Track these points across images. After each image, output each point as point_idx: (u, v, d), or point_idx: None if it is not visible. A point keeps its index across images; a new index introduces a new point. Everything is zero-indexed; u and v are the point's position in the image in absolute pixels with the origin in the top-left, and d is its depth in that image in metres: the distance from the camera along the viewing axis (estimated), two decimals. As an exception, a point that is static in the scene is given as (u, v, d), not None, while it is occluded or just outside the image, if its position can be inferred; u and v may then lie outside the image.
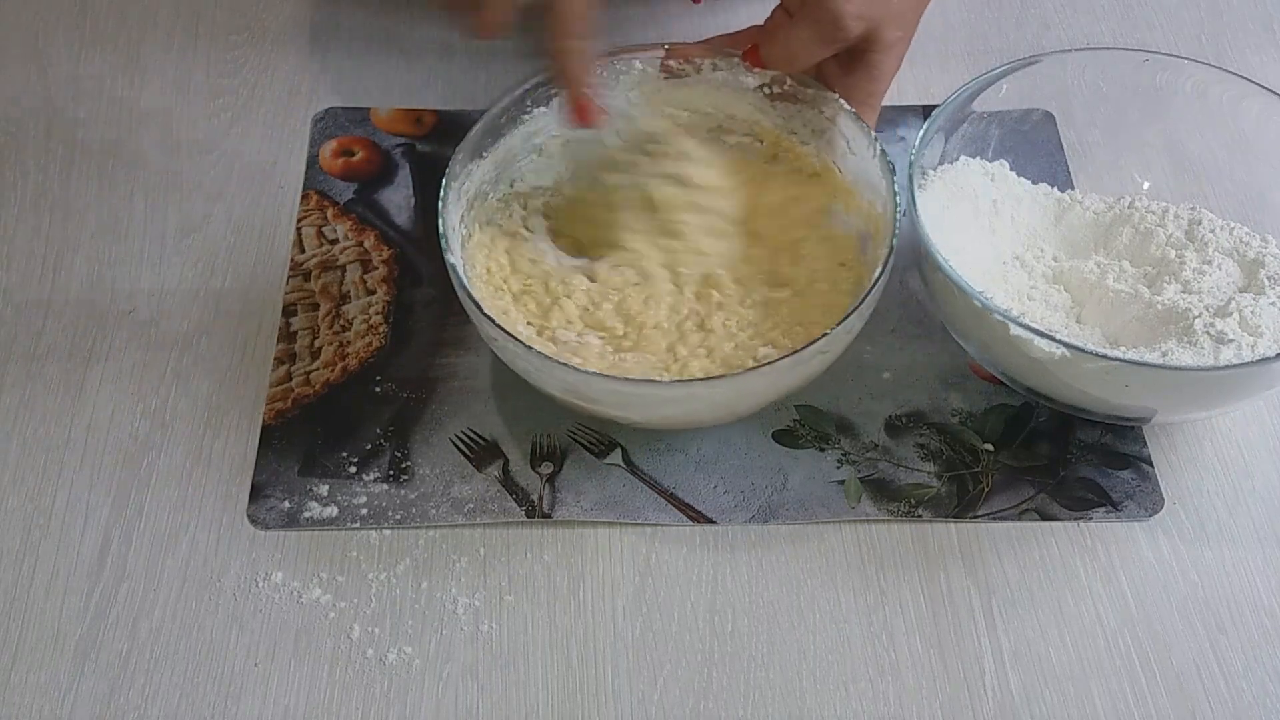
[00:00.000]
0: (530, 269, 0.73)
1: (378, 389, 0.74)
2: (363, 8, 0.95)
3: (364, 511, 0.69)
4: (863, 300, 0.64)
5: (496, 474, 0.71)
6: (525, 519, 0.69)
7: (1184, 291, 0.71)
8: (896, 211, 0.67)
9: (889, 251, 0.66)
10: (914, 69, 0.90)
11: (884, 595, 0.67)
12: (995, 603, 0.67)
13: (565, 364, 0.63)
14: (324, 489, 0.70)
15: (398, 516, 0.69)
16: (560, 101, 0.72)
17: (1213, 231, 0.74)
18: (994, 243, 0.75)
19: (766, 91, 0.75)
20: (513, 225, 0.75)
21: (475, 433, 0.72)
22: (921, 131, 0.72)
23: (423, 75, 0.91)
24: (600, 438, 0.72)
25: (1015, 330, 0.65)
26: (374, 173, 0.85)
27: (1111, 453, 0.72)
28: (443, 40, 0.93)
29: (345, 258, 0.80)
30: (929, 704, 0.63)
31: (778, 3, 0.72)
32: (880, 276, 0.65)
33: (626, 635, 0.65)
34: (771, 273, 0.73)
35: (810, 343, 0.63)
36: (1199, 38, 0.94)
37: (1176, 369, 0.66)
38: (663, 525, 0.69)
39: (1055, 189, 0.78)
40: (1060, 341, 0.64)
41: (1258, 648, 0.65)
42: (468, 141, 0.71)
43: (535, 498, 0.70)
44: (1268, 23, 0.95)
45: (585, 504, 0.69)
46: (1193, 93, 0.76)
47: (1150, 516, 0.69)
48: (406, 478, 0.71)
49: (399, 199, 0.83)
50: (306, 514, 0.69)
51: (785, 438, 0.72)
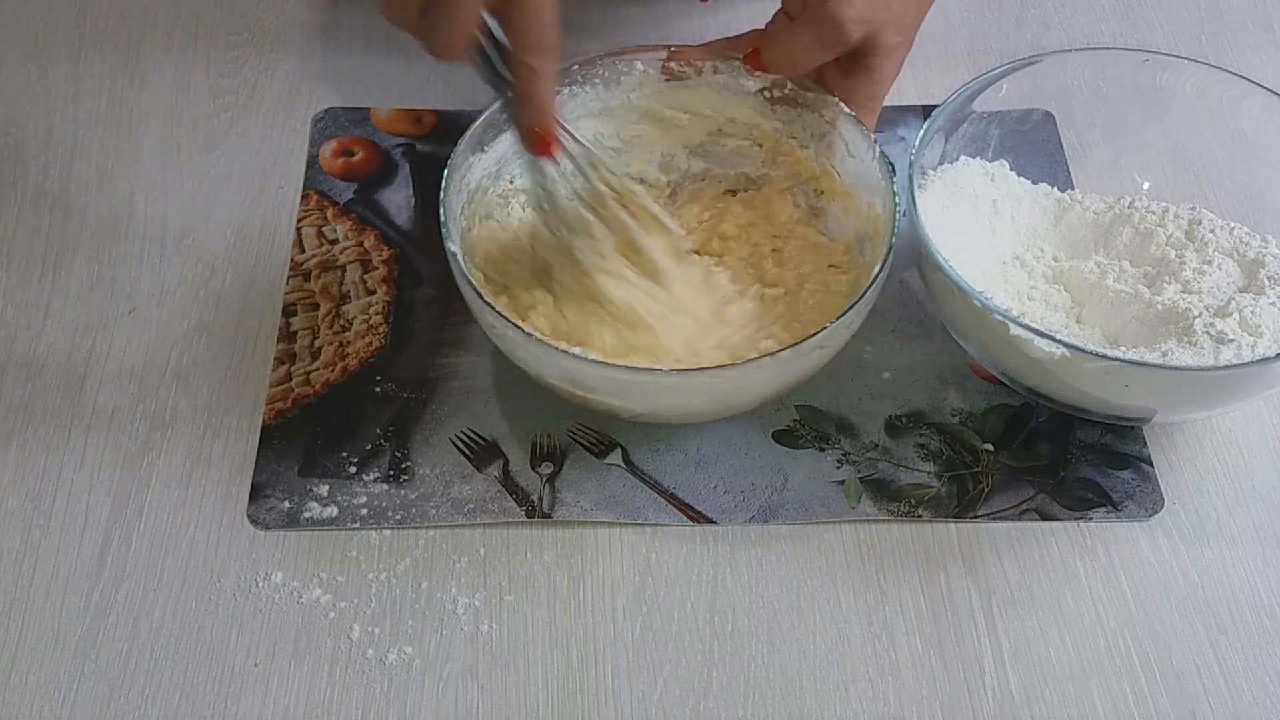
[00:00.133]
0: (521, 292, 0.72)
1: (378, 389, 0.74)
2: (363, 8, 0.95)
3: (364, 511, 0.69)
4: (863, 295, 0.64)
5: (496, 474, 0.71)
6: (525, 519, 0.69)
7: (1184, 291, 0.71)
8: (896, 211, 0.67)
9: (888, 249, 0.66)
10: (914, 69, 0.90)
11: (884, 595, 0.67)
12: (995, 603, 0.67)
13: (564, 351, 0.63)
14: (324, 489, 0.70)
15: (398, 516, 0.69)
16: (513, 128, 0.66)
17: (1213, 231, 0.74)
18: (994, 243, 0.75)
19: (767, 95, 0.75)
20: (512, 226, 0.75)
21: (475, 433, 0.72)
22: (921, 131, 0.72)
23: (423, 75, 0.91)
24: (600, 438, 0.72)
25: (1015, 330, 0.65)
26: (374, 173, 0.85)
27: (1111, 453, 0.72)
28: (443, 40, 0.93)
29: (345, 258, 0.80)
30: (929, 704, 0.63)
31: (779, 5, 0.72)
32: (880, 273, 0.65)
33: (626, 635, 0.65)
34: (759, 273, 0.73)
35: (811, 335, 0.63)
36: (1199, 38, 0.94)
37: (1176, 369, 0.66)
38: (663, 525, 0.69)
39: (1055, 189, 0.78)
40: (1060, 341, 0.64)
41: (1258, 648, 0.65)
42: (470, 134, 0.71)
43: (535, 498, 0.70)
44: (1268, 23, 0.95)
45: (585, 504, 0.69)
46: (1193, 93, 0.76)
47: (1150, 516, 0.69)
48: (406, 478, 0.71)
49: (399, 199, 0.83)
50: (306, 514, 0.69)
51: (785, 438, 0.72)
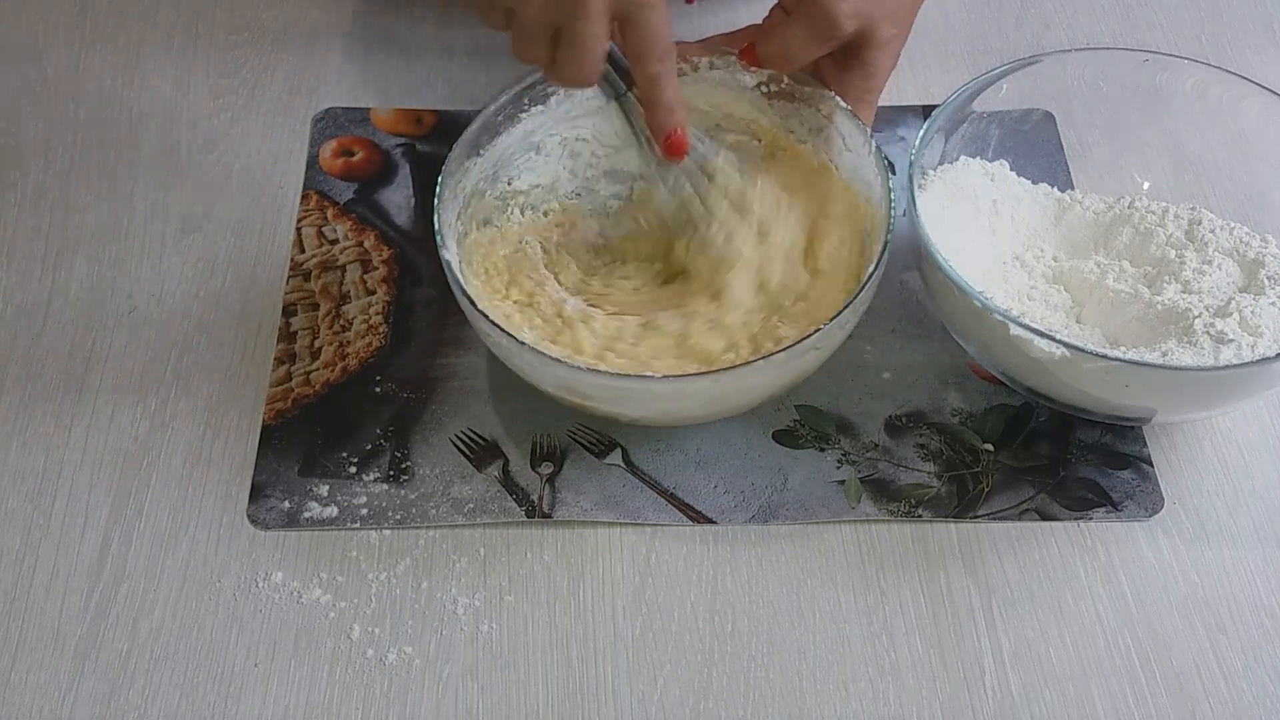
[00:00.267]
0: (534, 289, 0.72)
1: (378, 389, 0.74)
2: (363, 8, 0.95)
3: (364, 511, 0.69)
4: (855, 297, 0.64)
5: (496, 474, 0.71)
6: (525, 519, 0.69)
7: (1184, 291, 0.71)
8: (891, 209, 0.67)
9: (883, 247, 0.66)
10: (914, 69, 0.90)
11: (884, 595, 0.67)
12: (995, 603, 0.67)
13: (558, 359, 0.63)
14: (324, 489, 0.70)
15: (398, 516, 0.69)
16: (639, 137, 0.68)
17: (1213, 231, 0.74)
18: (994, 243, 0.75)
19: (764, 90, 0.75)
20: (512, 233, 0.75)
21: (475, 433, 0.72)
22: (921, 131, 0.72)
23: (423, 75, 0.91)
24: (600, 438, 0.72)
25: (1015, 330, 0.65)
26: (374, 173, 0.85)
27: (1111, 453, 0.72)
28: (443, 40, 0.93)
29: (345, 258, 0.80)
30: (929, 704, 0.63)
31: (775, 2, 0.72)
32: (874, 273, 0.65)
33: (626, 635, 0.65)
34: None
35: (803, 338, 0.63)
36: (1199, 38, 0.94)
37: (1176, 369, 0.66)
38: (663, 525, 0.69)
39: (1055, 189, 0.78)
40: (1060, 341, 0.64)
41: (1258, 648, 0.65)
42: (464, 139, 0.71)
43: (535, 498, 0.70)
44: (1268, 23, 0.95)
45: (585, 504, 0.69)
46: (1193, 93, 0.76)
47: (1150, 516, 0.69)
48: (406, 478, 0.71)
49: (399, 199, 0.83)
50: (306, 514, 0.69)
51: (785, 438, 0.72)
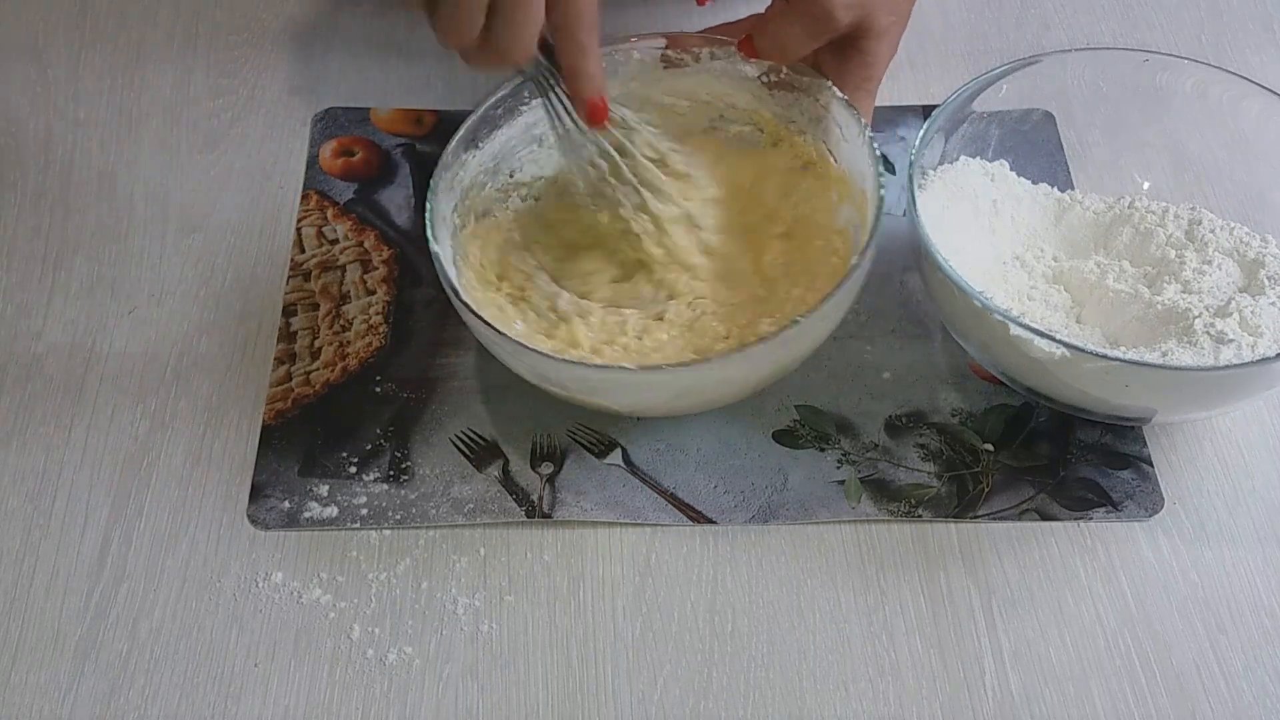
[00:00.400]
0: (524, 282, 0.72)
1: (378, 389, 0.74)
2: (362, 8, 0.95)
3: (364, 511, 0.69)
4: (838, 288, 0.63)
5: (496, 474, 0.71)
6: (525, 519, 0.69)
7: (1184, 291, 0.71)
8: (881, 200, 0.66)
9: (869, 238, 0.65)
10: (914, 69, 0.90)
11: (884, 595, 0.67)
12: (995, 603, 0.67)
13: (533, 349, 0.63)
14: (324, 489, 0.70)
15: (398, 516, 0.69)
16: (554, 102, 0.68)
17: (1213, 231, 0.74)
18: (994, 243, 0.75)
19: (764, 80, 0.74)
20: (507, 221, 0.75)
21: (475, 433, 0.72)
22: (921, 131, 0.72)
23: (423, 75, 0.91)
24: (600, 438, 0.72)
25: (1015, 330, 0.65)
26: (374, 173, 0.85)
27: (1111, 453, 0.72)
28: (443, 40, 0.93)
29: (345, 258, 0.80)
30: (929, 704, 0.63)
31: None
32: (858, 265, 0.64)
33: (626, 635, 0.65)
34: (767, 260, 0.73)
35: (783, 329, 0.62)
36: (1199, 38, 0.94)
37: (1176, 369, 0.66)
38: (663, 525, 0.69)
39: (1055, 189, 0.78)
40: (1060, 341, 0.64)
41: (1258, 648, 0.65)
42: (462, 132, 0.71)
43: (535, 498, 0.70)
44: (1268, 23, 0.95)
45: (585, 504, 0.69)
46: (1193, 93, 0.76)
47: (1150, 516, 0.69)
48: (406, 478, 0.71)
49: (399, 199, 0.83)
50: (306, 514, 0.69)
51: (785, 438, 0.72)
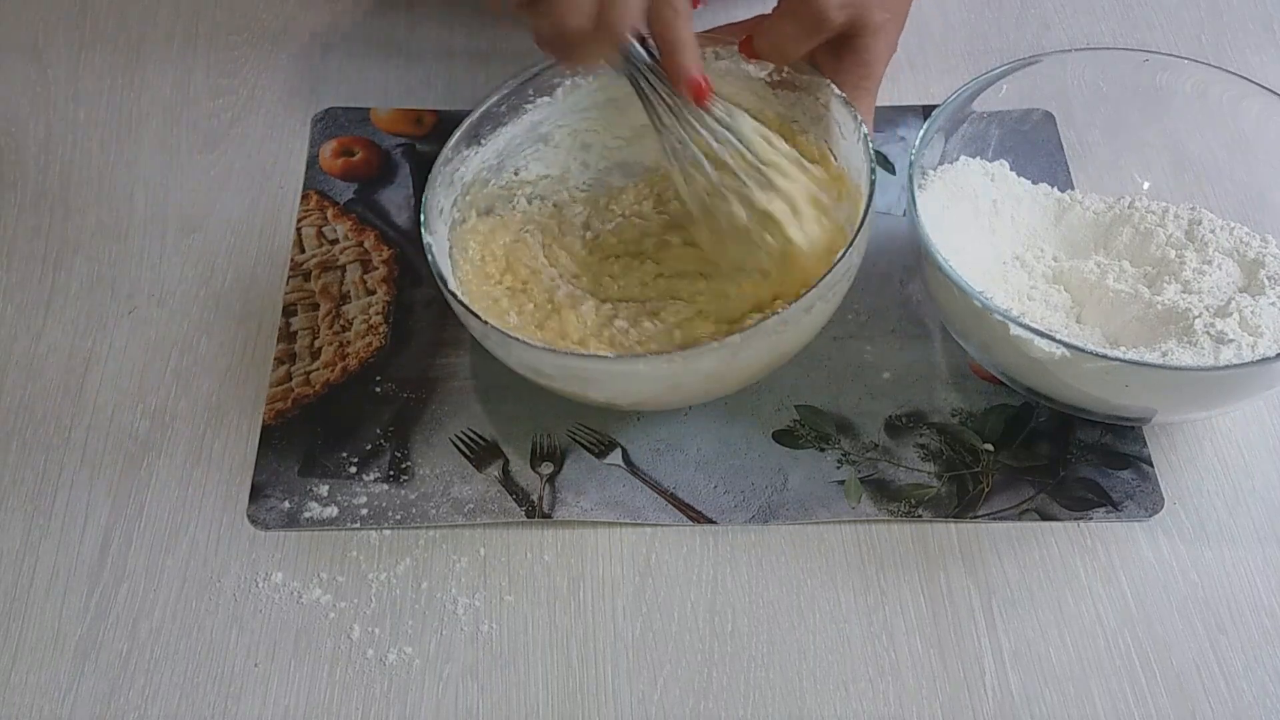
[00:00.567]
0: (528, 276, 0.73)
1: (378, 389, 0.74)
2: (362, 8, 0.95)
3: (364, 511, 0.69)
4: (819, 281, 0.63)
5: (496, 474, 0.71)
6: (525, 519, 0.69)
7: (1184, 291, 0.71)
8: (872, 192, 0.66)
9: (858, 229, 0.65)
10: (914, 69, 0.90)
11: (884, 595, 0.67)
12: (995, 603, 0.67)
13: (515, 338, 0.63)
14: (324, 489, 0.70)
15: (398, 516, 0.69)
16: (652, 94, 0.65)
17: (1213, 231, 0.74)
18: (994, 243, 0.75)
19: (767, 80, 0.74)
20: (515, 221, 0.75)
21: (475, 433, 0.72)
22: (921, 131, 0.72)
23: (423, 75, 0.91)
24: (600, 438, 0.72)
25: (1015, 330, 0.65)
26: (374, 173, 0.85)
27: (1111, 453, 0.72)
28: (443, 41, 0.93)
29: (345, 258, 0.80)
30: (929, 704, 0.63)
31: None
32: (842, 257, 0.64)
33: (626, 635, 0.65)
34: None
35: (763, 319, 0.62)
36: (1199, 38, 0.94)
37: (1176, 369, 0.66)
38: (663, 525, 0.69)
39: (1055, 189, 0.78)
40: (1060, 341, 0.64)
41: (1258, 648, 0.65)
42: (464, 127, 0.71)
43: (535, 498, 0.70)
44: (1268, 23, 0.95)
45: (585, 504, 0.69)
46: (1193, 93, 0.76)
47: (1150, 516, 0.69)
48: (406, 478, 0.71)
49: (399, 199, 0.83)
50: (306, 514, 0.69)
51: (785, 438, 0.72)
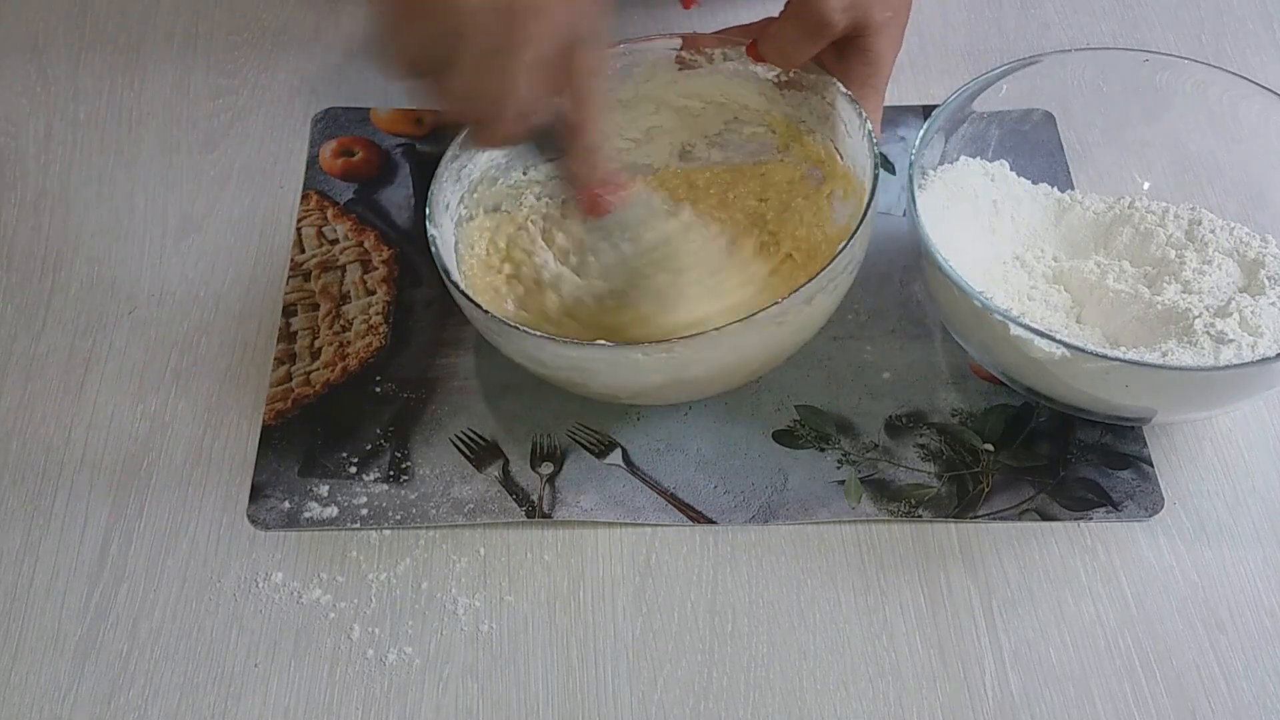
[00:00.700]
0: (523, 258, 0.73)
1: (378, 389, 0.74)
2: (362, 8, 0.95)
3: (364, 512, 0.69)
4: (821, 271, 0.63)
5: (496, 474, 0.71)
6: (525, 519, 0.69)
7: (1184, 291, 0.71)
8: (875, 188, 0.66)
9: (859, 225, 0.65)
10: (914, 69, 0.90)
11: (884, 595, 0.67)
12: (995, 603, 0.67)
13: (516, 327, 0.63)
14: (324, 489, 0.70)
15: (398, 517, 0.69)
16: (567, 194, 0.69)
17: (1213, 231, 0.74)
18: (994, 243, 0.75)
19: (775, 80, 0.75)
20: (520, 215, 0.76)
21: (475, 433, 0.72)
22: (921, 131, 0.72)
23: (423, 75, 0.91)
24: (600, 438, 0.72)
25: (1015, 330, 0.65)
26: (374, 173, 0.85)
27: (1111, 453, 0.72)
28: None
29: (345, 258, 0.80)
30: (929, 704, 0.63)
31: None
32: (843, 249, 0.64)
33: (626, 635, 0.65)
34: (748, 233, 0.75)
35: (763, 309, 0.62)
36: (1199, 38, 0.94)
37: (1176, 369, 0.66)
38: (663, 525, 0.69)
39: (1055, 189, 0.78)
40: (1060, 341, 0.64)
41: (1258, 648, 0.65)
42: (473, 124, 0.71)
43: (535, 498, 0.70)
44: (1268, 23, 0.95)
45: (585, 504, 0.69)
46: (1193, 93, 0.76)
47: (1150, 516, 0.69)
48: (406, 478, 0.71)
49: (399, 199, 0.83)
50: (306, 514, 0.69)
51: (785, 438, 0.72)
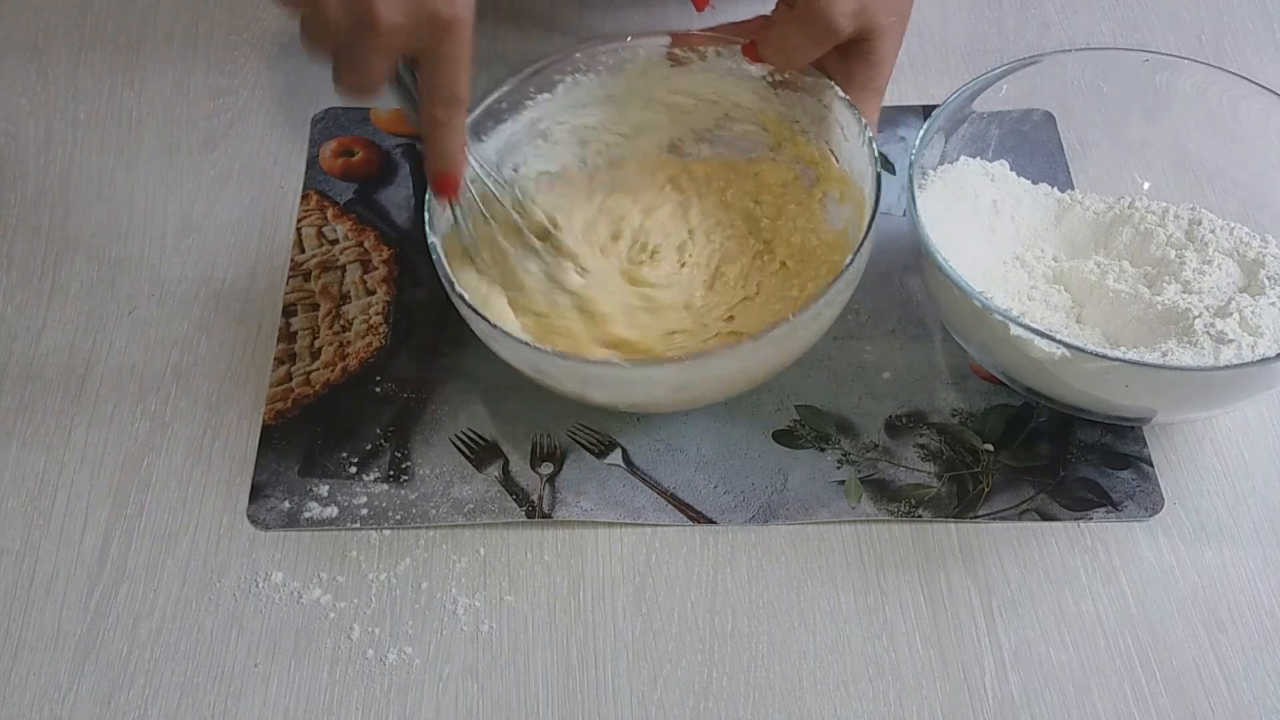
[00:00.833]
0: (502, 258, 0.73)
1: (378, 389, 0.74)
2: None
3: (364, 512, 0.69)
4: (831, 285, 0.63)
5: (496, 474, 0.71)
6: (525, 519, 0.69)
7: (1184, 291, 0.71)
8: (877, 201, 0.66)
9: (863, 238, 0.65)
10: (914, 69, 0.90)
11: (884, 595, 0.67)
12: (995, 603, 0.67)
13: (525, 343, 0.63)
14: (324, 489, 0.70)
15: (398, 517, 0.69)
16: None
17: (1213, 231, 0.74)
18: (994, 243, 0.75)
19: (769, 80, 0.74)
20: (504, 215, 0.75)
21: (475, 433, 0.72)
22: (921, 131, 0.72)
23: (423, 75, 0.91)
24: (600, 438, 0.72)
25: (1015, 330, 0.65)
26: (374, 173, 0.85)
27: (1111, 453, 0.72)
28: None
29: (345, 258, 0.80)
30: (929, 704, 0.63)
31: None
32: (851, 262, 0.64)
33: (626, 635, 0.65)
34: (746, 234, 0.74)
35: (773, 327, 0.62)
36: (1199, 38, 0.94)
37: (1176, 369, 0.66)
38: (663, 525, 0.69)
39: (1055, 189, 0.78)
40: (1060, 341, 0.64)
41: (1258, 648, 0.65)
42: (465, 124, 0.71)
43: (535, 498, 0.70)
44: (1268, 23, 0.95)
45: (585, 504, 0.69)
46: (1193, 93, 0.76)
47: (1150, 516, 0.69)
48: (406, 478, 0.71)
49: (399, 199, 0.83)
50: (306, 514, 0.69)
51: (785, 438, 0.72)
